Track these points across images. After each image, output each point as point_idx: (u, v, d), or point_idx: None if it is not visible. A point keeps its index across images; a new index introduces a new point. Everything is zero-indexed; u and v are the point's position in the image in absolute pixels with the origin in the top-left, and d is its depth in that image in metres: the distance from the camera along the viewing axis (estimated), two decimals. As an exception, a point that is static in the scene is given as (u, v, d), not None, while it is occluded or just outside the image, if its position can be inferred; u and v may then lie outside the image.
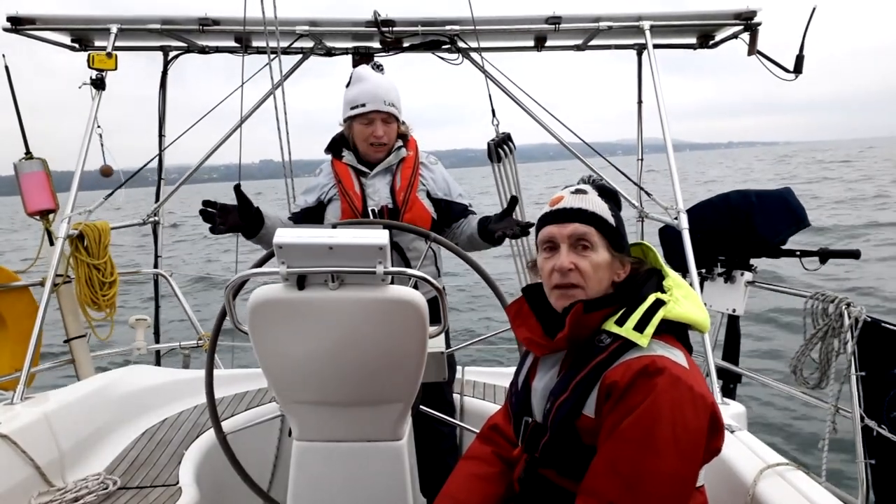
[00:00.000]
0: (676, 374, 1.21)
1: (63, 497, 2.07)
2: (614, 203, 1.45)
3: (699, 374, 1.27)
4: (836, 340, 2.83)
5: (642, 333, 1.25)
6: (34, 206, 3.20)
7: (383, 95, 2.40)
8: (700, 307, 1.35)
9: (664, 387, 1.19)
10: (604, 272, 1.36)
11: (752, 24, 3.41)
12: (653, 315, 1.27)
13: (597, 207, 1.39)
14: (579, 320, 1.31)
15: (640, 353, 1.25)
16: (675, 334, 1.32)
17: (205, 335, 4.00)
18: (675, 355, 1.26)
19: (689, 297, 1.35)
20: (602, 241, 1.37)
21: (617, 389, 1.22)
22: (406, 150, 2.51)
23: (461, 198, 2.57)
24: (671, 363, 1.22)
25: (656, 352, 1.25)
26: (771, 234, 3.39)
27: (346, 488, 1.85)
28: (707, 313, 1.36)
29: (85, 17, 3.48)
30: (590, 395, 1.27)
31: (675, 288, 1.35)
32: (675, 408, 1.18)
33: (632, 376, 1.21)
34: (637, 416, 1.18)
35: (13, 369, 3.07)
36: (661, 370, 1.20)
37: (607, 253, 1.37)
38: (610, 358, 1.27)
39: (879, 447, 2.69)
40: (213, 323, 1.94)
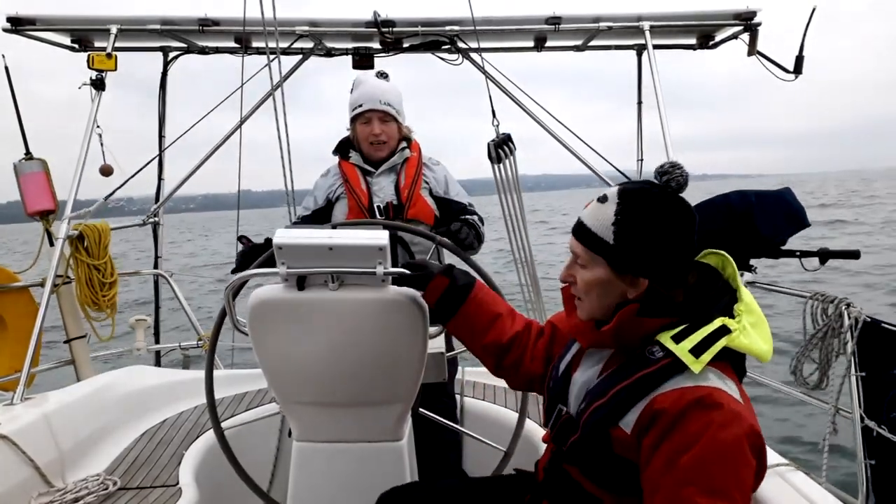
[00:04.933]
0: (736, 411, 1.12)
1: (63, 497, 2.07)
2: (641, 213, 1.22)
3: (752, 409, 1.18)
4: (835, 341, 2.82)
5: (697, 358, 1.15)
6: (34, 207, 3.20)
7: (379, 96, 2.51)
8: (767, 338, 1.23)
9: (723, 423, 1.10)
10: (600, 290, 1.27)
11: (752, 24, 3.42)
12: (714, 341, 1.16)
13: (596, 223, 1.25)
14: (630, 321, 1.23)
15: (694, 381, 1.15)
16: (731, 361, 1.23)
17: (205, 336, 4.00)
18: (731, 388, 1.16)
19: (759, 325, 1.23)
20: (597, 258, 1.25)
21: (666, 417, 1.13)
22: (409, 152, 2.61)
23: (460, 196, 2.65)
24: (729, 398, 1.13)
25: (712, 382, 1.15)
26: (771, 234, 3.39)
27: (345, 489, 1.85)
28: (772, 343, 1.24)
29: (85, 17, 3.48)
30: (630, 409, 1.19)
31: (746, 314, 1.22)
32: (737, 448, 1.10)
33: (684, 406, 1.12)
34: (696, 455, 1.09)
35: (13, 370, 3.07)
36: (719, 405, 1.11)
37: (604, 272, 1.25)
38: (658, 374, 1.18)
39: (880, 448, 2.68)
40: (213, 324, 1.94)
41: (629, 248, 1.22)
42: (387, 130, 2.53)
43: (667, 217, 1.22)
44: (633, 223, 1.22)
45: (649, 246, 1.21)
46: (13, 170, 3.21)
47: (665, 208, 1.23)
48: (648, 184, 1.26)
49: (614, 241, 1.22)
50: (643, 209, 1.23)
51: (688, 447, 1.10)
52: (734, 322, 1.19)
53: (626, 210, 1.23)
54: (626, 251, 1.22)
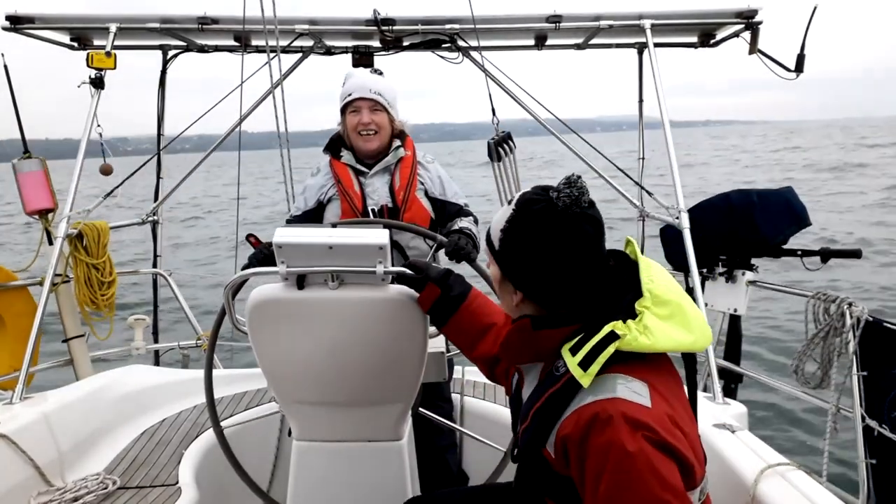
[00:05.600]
0: (633, 419, 1.06)
1: (62, 497, 2.07)
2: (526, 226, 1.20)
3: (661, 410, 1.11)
4: (837, 340, 2.82)
5: (586, 371, 1.11)
6: (33, 206, 3.19)
7: (370, 85, 2.45)
8: (688, 327, 1.18)
9: (622, 437, 1.05)
10: (499, 288, 1.31)
11: (753, 22, 3.40)
12: (602, 350, 1.11)
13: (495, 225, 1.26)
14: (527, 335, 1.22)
15: (592, 394, 1.11)
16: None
17: (204, 335, 3.99)
18: (634, 391, 1.10)
19: (675, 315, 1.17)
20: (493, 259, 1.28)
21: (573, 443, 1.11)
22: (404, 150, 2.52)
23: (456, 197, 2.58)
24: (626, 405, 1.08)
25: (614, 391, 1.10)
26: (772, 233, 3.39)
27: (345, 488, 1.84)
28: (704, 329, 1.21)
29: (84, 16, 3.47)
30: (550, 431, 1.17)
31: (654, 307, 1.16)
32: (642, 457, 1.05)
33: (583, 428, 1.09)
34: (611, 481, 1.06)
35: (12, 369, 3.07)
36: (611, 419, 1.07)
37: (497, 272, 1.29)
38: (563, 391, 1.15)
39: (880, 447, 2.68)
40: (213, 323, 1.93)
41: (509, 256, 1.24)
42: (376, 120, 2.44)
43: (546, 237, 1.18)
44: (516, 235, 1.21)
45: (525, 261, 1.21)
46: (12, 169, 3.20)
47: (547, 228, 1.18)
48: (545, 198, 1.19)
49: (499, 246, 1.25)
50: (527, 223, 1.20)
51: (599, 474, 1.08)
52: (630, 324, 1.13)
53: (516, 220, 1.21)
54: (506, 259, 1.24)
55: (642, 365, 1.15)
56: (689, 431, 1.16)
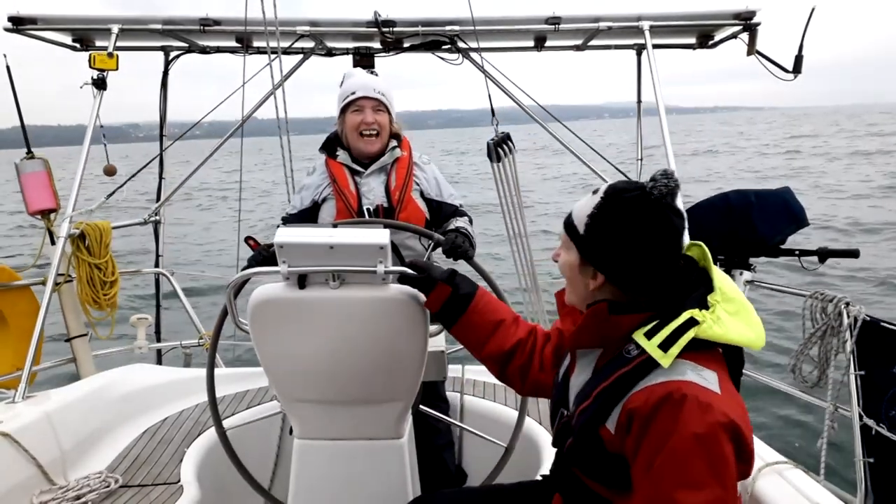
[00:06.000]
0: (706, 402, 1.13)
1: (65, 495, 2.08)
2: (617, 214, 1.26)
3: (731, 399, 1.18)
4: (835, 339, 2.83)
5: (666, 353, 1.17)
6: (36, 206, 3.20)
7: (373, 85, 2.47)
8: (750, 324, 1.24)
9: (692, 415, 1.12)
10: (570, 274, 1.35)
11: (752, 24, 3.42)
12: (682, 334, 1.18)
13: (577, 211, 1.32)
14: (602, 319, 1.26)
15: (665, 376, 1.17)
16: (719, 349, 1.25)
17: (206, 334, 4.01)
18: (705, 378, 1.17)
19: (741, 313, 1.24)
20: (571, 244, 1.33)
21: (639, 417, 1.16)
22: (400, 151, 2.53)
23: (452, 198, 2.59)
24: (698, 389, 1.14)
25: (685, 375, 1.17)
26: (770, 233, 3.40)
27: (346, 486, 1.86)
28: (761, 330, 1.26)
29: (86, 17, 3.49)
30: (613, 409, 1.22)
31: (724, 302, 1.23)
32: (709, 438, 1.11)
33: (654, 404, 1.15)
34: (669, 452, 1.12)
35: (15, 368, 3.08)
36: (687, 399, 1.13)
37: (574, 259, 1.33)
38: (634, 372, 1.21)
39: (878, 446, 2.69)
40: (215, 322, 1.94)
41: (594, 241, 1.28)
42: (380, 120, 2.44)
43: (638, 225, 1.24)
44: (605, 220, 1.27)
45: (612, 246, 1.26)
46: (14, 169, 3.21)
47: (639, 216, 1.24)
48: (638, 188, 1.27)
49: (584, 231, 1.29)
50: (619, 210, 1.26)
51: (661, 445, 1.13)
52: (705, 313, 1.20)
53: (606, 207, 1.27)
54: (592, 244, 1.28)
55: (708, 355, 1.22)
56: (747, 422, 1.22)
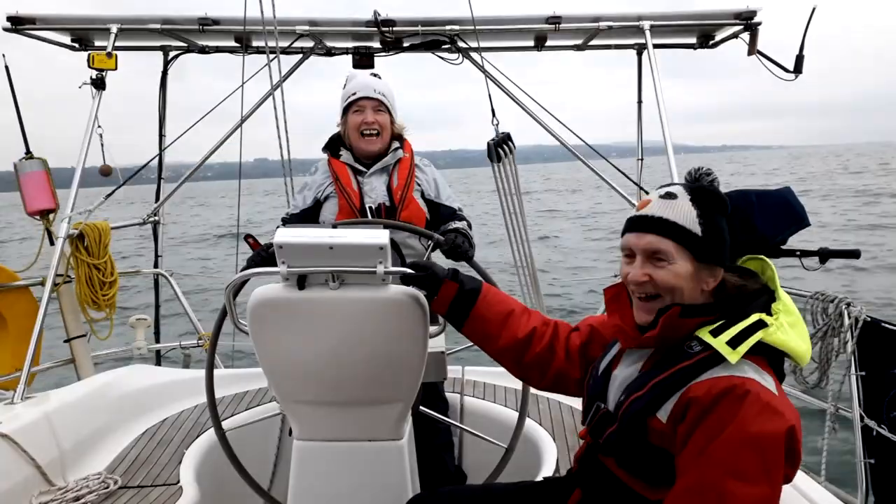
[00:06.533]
0: (766, 400, 1.16)
1: (64, 496, 2.07)
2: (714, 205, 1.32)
3: (789, 404, 1.20)
4: (835, 340, 2.83)
5: (734, 350, 1.19)
6: (34, 206, 3.20)
7: (374, 85, 2.51)
8: (805, 339, 1.28)
9: (753, 411, 1.14)
10: (687, 282, 1.30)
11: (752, 23, 3.42)
12: (751, 334, 1.21)
13: (680, 216, 1.30)
14: (672, 323, 1.27)
15: (728, 371, 1.20)
16: (768, 359, 1.26)
17: (205, 335, 4.00)
18: (765, 380, 1.20)
19: (796, 325, 1.28)
20: (683, 251, 1.29)
21: (698, 405, 1.18)
22: (402, 152, 2.56)
23: (450, 200, 2.61)
24: (760, 387, 1.17)
25: (746, 373, 1.19)
26: (771, 233, 3.39)
27: (346, 487, 1.85)
28: (809, 346, 1.30)
29: (85, 16, 3.48)
30: (668, 399, 1.24)
31: (784, 313, 1.27)
32: (765, 434, 1.13)
33: (715, 395, 1.17)
34: (725, 439, 1.14)
35: (14, 369, 3.07)
36: (749, 393, 1.15)
37: (690, 264, 1.29)
38: (696, 367, 1.23)
39: (879, 447, 2.69)
40: (214, 323, 1.94)
41: (714, 237, 1.31)
42: (380, 120, 2.48)
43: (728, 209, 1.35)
44: (713, 216, 1.32)
45: (725, 234, 1.33)
46: (13, 169, 3.21)
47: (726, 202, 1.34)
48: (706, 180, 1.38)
49: (703, 232, 1.30)
50: (716, 203, 1.33)
51: (717, 433, 1.15)
52: (770, 319, 1.24)
53: (704, 204, 1.32)
54: (711, 241, 1.30)
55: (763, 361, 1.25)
56: None
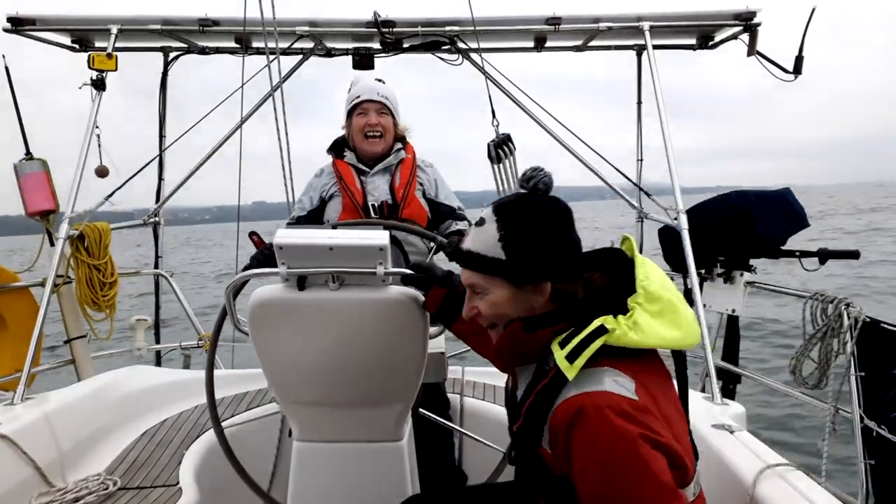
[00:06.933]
0: (622, 410, 1.08)
1: (63, 497, 2.07)
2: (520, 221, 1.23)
3: (651, 403, 1.12)
4: (835, 341, 2.83)
5: (571, 365, 1.12)
6: (34, 207, 3.20)
7: (377, 89, 2.58)
8: (677, 324, 1.20)
9: (607, 434, 1.07)
10: (510, 307, 1.24)
11: (752, 24, 3.41)
12: (590, 343, 1.13)
13: (482, 245, 1.23)
14: (517, 339, 1.24)
15: (578, 388, 1.13)
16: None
17: (205, 335, 4.00)
18: (622, 385, 1.11)
19: (665, 312, 1.19)
20: (494, 279, 1.23)
21: (561, 435, 1.13)
22: (404, 153, 2.62)
23: (449, 199, 2.67)
24: (613, 398, 1.09)
25: (601, 384, 1.11)
26: (771, 234, 3.39)
27: (346, 488, 1.85)
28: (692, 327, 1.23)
29: (85, 17, 3.48)
30: (543, 428, 1.18)
31: (646, 303, 1.18)
32: (629, 454, 1.06)
33: (569, 421, 1.11)
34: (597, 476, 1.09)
35: (14, 370, 3.07)
36: (600, 411, 1.08)
37: (505, 290, 1.23)
38: (552, 385, 1.17)
39: (879, 447, 2.69)
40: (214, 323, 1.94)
41: (522, 257, 1.21)
42: (383, 122, 2.55)
43: (546, 217, 1.24)
44: (517, 233, 1.22)
45: (539, 249, 1.22)
46: (13, 170, 3.21)
47: (542, 210, 1.24)
48: (518, 195, 1.27)
49: (506, 255, 1.22)
50: (523, 216, 1.24)
51: (586, 468, 1.10)
52: (620, 319, 1.15)
53: (507, 223, 1.23)
54: (520, 261, 1.22)
55: (633, 361, 1.17)
56: (678, 428, 1.18)
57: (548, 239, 1.22)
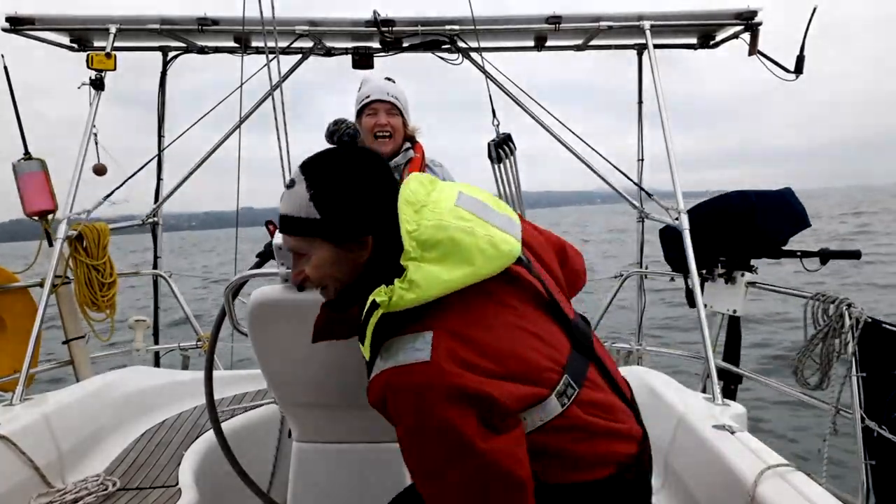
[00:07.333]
0: (417, 381, 1.06)
1: (62, 498, 2.06)
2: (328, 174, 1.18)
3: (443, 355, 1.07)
4: (836, 341, 2.82)
5: (364, 345, 1.12)
6: (33, 207, 3.19)
7: (387, 89, 2.59)
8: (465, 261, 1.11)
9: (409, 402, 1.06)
10: (335, 268, 1.20)
11: (753, 23, 3.41)
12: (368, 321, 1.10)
13: (295, 206, 1.18)
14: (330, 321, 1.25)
15: (379, 366, 1.12)
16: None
17: (204, 336, 3.99)
18: (416, 349, 1.08)
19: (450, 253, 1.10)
20: (314, 241, 1.19)
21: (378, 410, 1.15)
22: (413, 153, 2.63)
23: None
24: (400, 372, 1.07)
25: (396, 357, 1.09)
26: (771, 234, 3.39)
27: (346, 490, 1.84)
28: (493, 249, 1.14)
29: (84, 17, 3.47)
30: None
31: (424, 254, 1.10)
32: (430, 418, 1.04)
33: (376, 400, 1.13)
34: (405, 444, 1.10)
35: (12, 370, 3.07)
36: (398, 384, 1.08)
37: (328, 250, 1.18)
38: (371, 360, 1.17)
39: (880, 448, 2.68)
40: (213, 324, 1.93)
41: (336, 213, 1.17)
42: (392, 122, 2.56)
43: (354, 169, 1.19)
44: (327, 188, 1.17)
45: (352, 202, 1.17)
46: (12, 170, 3.20)
47: (349, 162, 1.20)
48: (324, 151, 1.24)
49: (320, 214, 1.17)
50: (330, 171, 1.19)
51: (399, 439, 1.11)
52: (393, 287, 1.09)
53: (316, 180, 1.18)
54: (335, 218, 1.17)
55: (439, 310, 1.11)
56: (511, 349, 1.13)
57: (360, 190, 1.17)
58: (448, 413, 1.04)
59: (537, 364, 1.15)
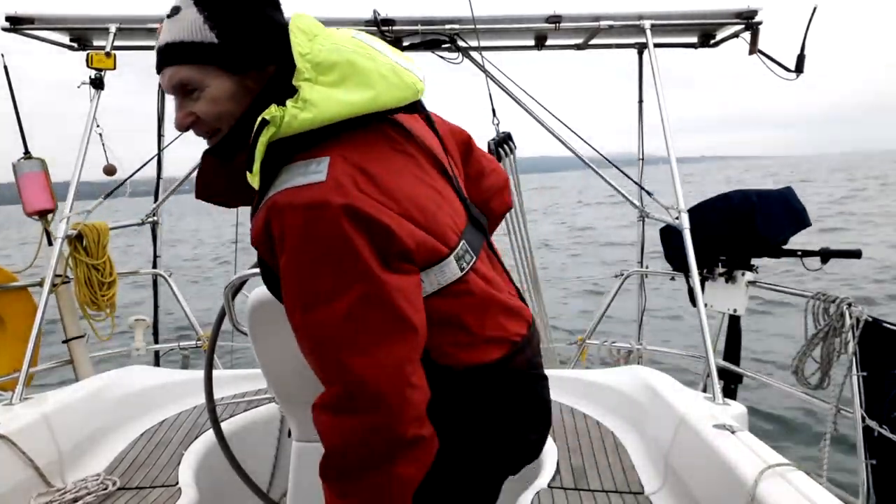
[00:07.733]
0: (301, 202, 0.94)
1: (62, 498, 2.06)
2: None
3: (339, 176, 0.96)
4: (837, 340, 2.82)
5: (251, 173, 0.99)
6: (33, 207, 3.19)
7: None
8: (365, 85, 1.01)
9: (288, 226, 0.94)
10: (234, 102, 1.06)
11: (753, 23, 3.41)
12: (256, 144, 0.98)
13: (186, 32, 1.03)
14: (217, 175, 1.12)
15: (275, 188, 0.99)
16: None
17: (204, 335, 3.99)
18: (310, 172, 0.97)
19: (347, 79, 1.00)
20: (209, 69, 1.04)
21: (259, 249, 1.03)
22: None
23: None
24: (292, 193, 0.96)
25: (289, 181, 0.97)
26: (772, 234, 3.39)
27: None
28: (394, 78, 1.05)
29: (84, 16, 3.47)
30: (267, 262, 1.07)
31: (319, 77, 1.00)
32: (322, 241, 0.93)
33: (258, 230, 1.00)
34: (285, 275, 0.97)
35: (12, 370, 3.06)
36: (280, 211, 0.96)
37: (226, 80, 1.05)
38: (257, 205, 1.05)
39: (880, 447, 2.68)
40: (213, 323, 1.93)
41: (238, 36, 1.04)
42: None
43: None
44: (225, 8, 1.04)
45: (256, 22, 1.05)
46: (12, 170, 3.20)
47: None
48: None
49: (219, 37, 1.03)
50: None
51: (281, 271, 0.99)
52: (287, 106, 0.98)
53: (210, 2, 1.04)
54: (237, 41, 1.04)
55: (337, 141, 1.02)
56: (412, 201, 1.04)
57: (258, 11, 1.06)
58: (344, 230, 0.93)
59: (438, 219, 1.07)
